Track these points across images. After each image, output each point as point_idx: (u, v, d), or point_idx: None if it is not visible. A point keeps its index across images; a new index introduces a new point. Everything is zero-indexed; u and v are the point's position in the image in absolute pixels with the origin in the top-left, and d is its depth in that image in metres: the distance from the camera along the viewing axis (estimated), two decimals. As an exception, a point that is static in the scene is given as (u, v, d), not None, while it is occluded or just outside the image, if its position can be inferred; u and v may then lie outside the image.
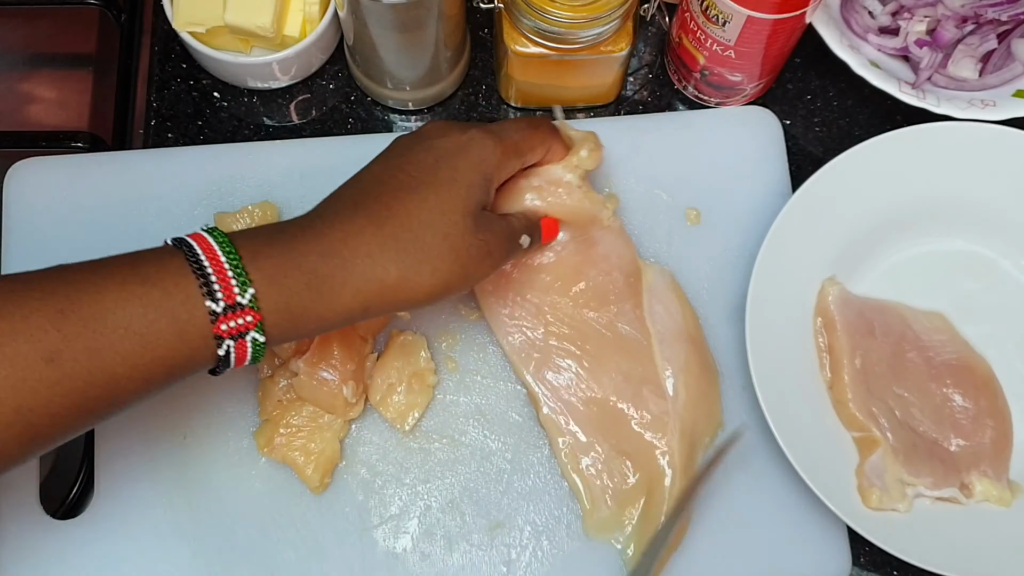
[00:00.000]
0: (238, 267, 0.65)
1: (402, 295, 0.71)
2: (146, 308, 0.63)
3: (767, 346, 0.83)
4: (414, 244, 0.70)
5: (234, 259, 0.65)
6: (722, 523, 0.85)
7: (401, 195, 0.71)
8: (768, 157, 0.93)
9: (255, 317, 0.65)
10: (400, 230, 0.70)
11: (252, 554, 0.83)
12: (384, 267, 0.70)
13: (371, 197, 0.71)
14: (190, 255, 0.65)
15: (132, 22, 1.02)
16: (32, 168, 0.91)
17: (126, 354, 0.63)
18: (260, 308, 0.65)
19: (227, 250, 0.65)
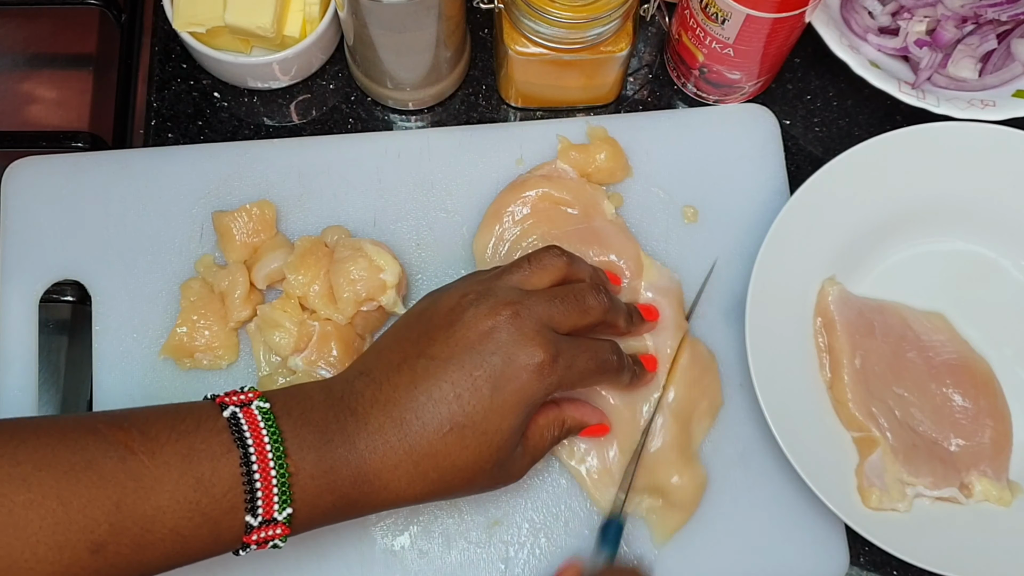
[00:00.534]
0: (284, 485, 0.66)
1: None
2: (193, 514, 0.65)
3: (767, 346, 0.83)
4: (440, 483, 0.71)
5: (283, 475, 0.66)
6: (721, 522, 0.85)
7: (446, 433, 0.69)
8: (766, 155, 0.93)
9: (284, 530, 0.68)
10: (433, 471, 0.70)
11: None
12: (406, 499, 0.71)
13: (418, 419, 0.69)
14: (244, 459, 0.66)
15: (132, 22, 1.02)
16: (30, 167, 0.91)
17: (165, 552, 0.65)
18: (291, 524, 0.68)
19: (279, 462, 0.66)
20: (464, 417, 0.69)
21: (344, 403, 0.70)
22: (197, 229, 0.90)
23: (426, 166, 0.92)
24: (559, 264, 0.77)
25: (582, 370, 0.73)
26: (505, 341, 0.70)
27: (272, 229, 0.88)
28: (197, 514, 0.64)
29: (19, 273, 0.88)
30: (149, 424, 0.66)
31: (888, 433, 0.85)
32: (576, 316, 0.74)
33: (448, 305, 0.73)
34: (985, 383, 0.88)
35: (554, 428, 0.78)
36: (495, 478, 0.74)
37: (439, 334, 0.72)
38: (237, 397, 0.69)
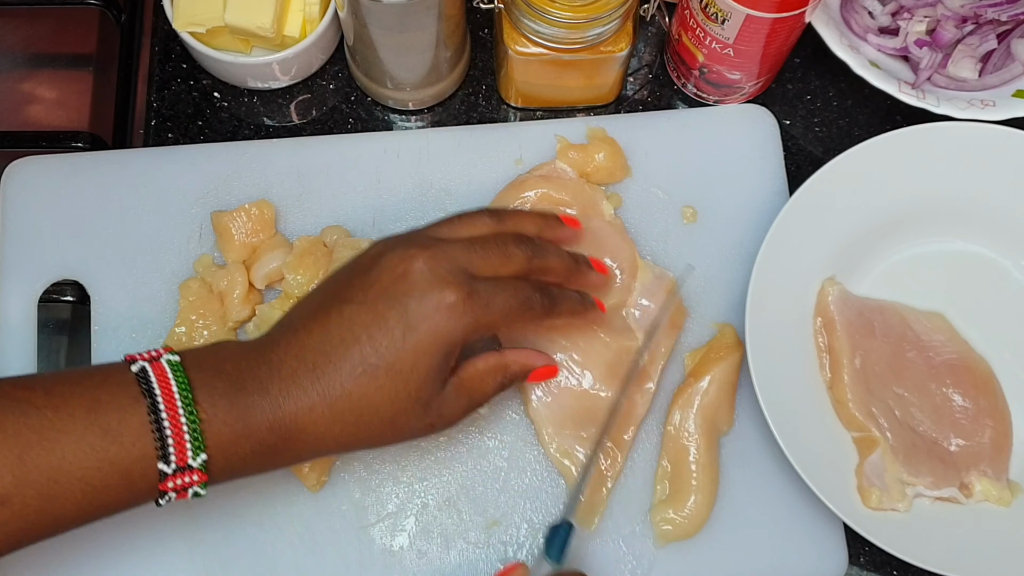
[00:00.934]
0: (196, 431, 0.67)
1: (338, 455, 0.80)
2: (101, 463, 0.65)
3: (767, 346, 0.83)
4: (360, 426, 0.71)
5: (193, 421, 0.67)
6: (721, 522, 0.84)
7: (359, 374, 0.70)
8: (765, 155, 0.93)
9: (201, 477, 0.68)
10: (348, 413, 0.70)
11: (249, 552, 0.83)
12: (327, 444, 0.72)
13: (330, 361, 0.70)
14: (152, 408, 0.66)
15: (132, 22, 1.02)
16: (29, 167, 0.91)
17: (76, 502, 0.65)
18: (208, 471, 0.68)
19: (188, 408, 0.67)
20: (376, 358, 0.70)
21: (259, 352, 0.71)
22: (196, 229, 0.89)
23: (425, 166, 0.92)
24: (486, 220, 0.77)
25: (502, 308, 0.73)
26: (417, 282, 0.71)
27: (271, 229, 0.88)
28: (106, 463, 0.65)
29: (18, 273, 0.88)
30: (55, 383, 0.67)
31: (888, 433, 0.84)
32: (496, 261, 0.74)
33: (369, 253, 0.74)
34: (985, 383, 0.88)
35: (497, 374, 0.77)
36: (424, 421, 0.73)
37: (356, 280, 0.73)
38: (148, 354, 0.69)
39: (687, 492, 0.84)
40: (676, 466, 0.85)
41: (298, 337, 0.71)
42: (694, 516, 0.83)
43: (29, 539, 0.66)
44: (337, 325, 0.70)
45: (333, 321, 0.71)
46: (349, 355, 0.70)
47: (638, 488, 0.85)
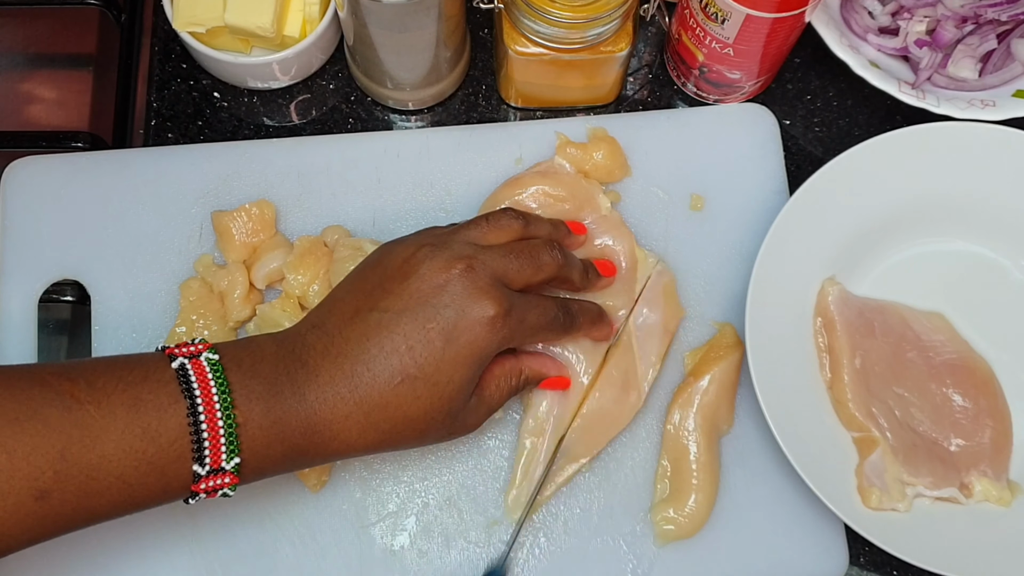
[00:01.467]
0: (232, 436, 0.67)
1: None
2: (139, 463, 0.65)
3: (767, 346, 0.83)
4: (391, 433, 0.72)
5: (231, 426, 0.67)
6: (721, 522, 0.84)
7: (397, 384, 0.70)
8: (765, 154, 0.93)
9: (232, 480, 0.68)
10: (384, 422, 0.71)
11: (250, 552, 0.83)
12: (357, 449, 0.72)
13: (369, 370, 0.70)
14: (191, 410, 0.66)
15: (132, 22, 1.01)
16: (29, 167, 0.90)
17: (113, 499, 0.66)
18: (240, 473, 0.68)
19: (226, 412, 0.67)
20: (416, 369, 0.70)
21: (295, 355, 0.71)
22: (196, 229, 0.89)
23: (425, 166, 0.91)
24: (515, 225, 0.78)
25: (533, 325, 0.75)
26: (459, 294, 0.71)
27: (271, 229, 0.88)
28: (143, 463, 0.65)
29: (18, 273, 0.87)
30: (96, 375, 0.66)
31: (888, 433, 0.84)
32: (530, 272, 0.75)
33: (403, 257, 0.74)
34: (985, 383, 0.88)
35: (511, 378, 0.78)
36: (449, 429, 0.74)
37: (393, 286, 0.72)
38: (187, 348, 0.69)
39: (687, 491, 0.83)
40: (676, 465, 0.85)
41: (335, 343, 0.71)
42: (694, 515, 0.83)
43: (62, 531, 0.66)
44: (376, 333, 0.71)
45: (372, 329, 0.71)
46: (388, 365, 0.70)
47: (638, 487, 0.85)
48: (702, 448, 0.84)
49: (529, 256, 0.76)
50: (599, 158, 0.90)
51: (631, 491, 0.85)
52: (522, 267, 0.75)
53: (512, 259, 0.74)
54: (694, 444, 0.84)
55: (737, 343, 0.87)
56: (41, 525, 0.64)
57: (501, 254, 0.75)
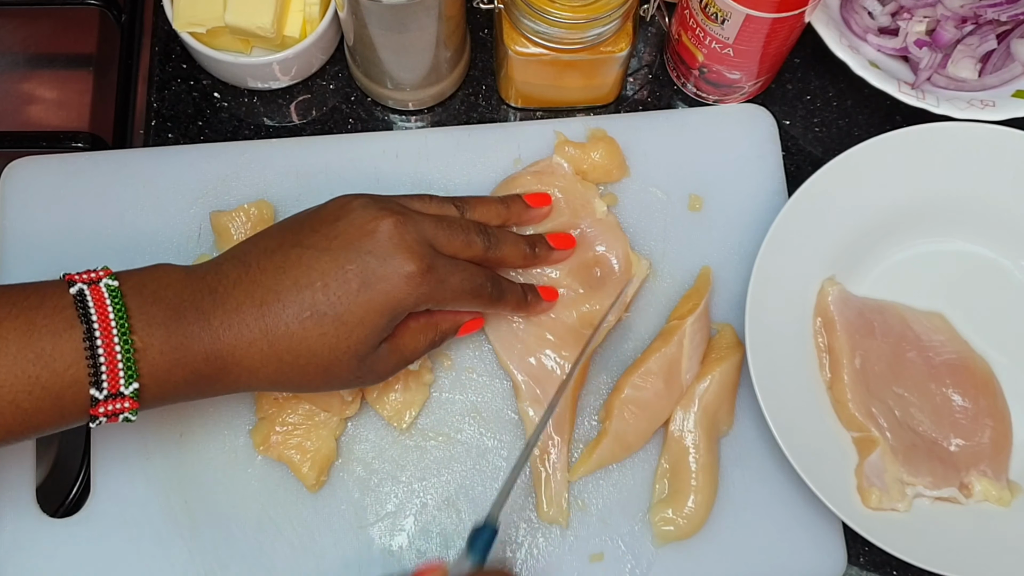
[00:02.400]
0: (130, 360, 0.67)
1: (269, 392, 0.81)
2: (32, 388, 0.65)
3: (767, 346, 0.83)
4: (295, 368, 0.72)
5: (128, 351, 0.67)
6: (720, 522, 0.84)
7: (306, 318, 0.70)
8: (764, 155, 0.93)
9: (132, 404, 0.68)
10: (287, 353, 0.71)
11: (248, 552, 0.82)
12: (260, 380, 0.72)
13: (279, 300, 0.70)
14: (87, 335, 0.66)
15: (132, 22, 1.01)
16: (28, 167, 0.90)
17: (5, 423, 0.66)
18: (139, 398, 0.68)
19: (124, 337, 0.67)
20: (327, 306, 0.70)
21: (205, 283, 0.71)
22: (195, 229, 0.89)
23: (424, 166, 0.91)
24: (451, 207, 0.79)
25: (455, 289, 0.75)
26: (383, 243, 0.71)
27: (270, 229, 0.88)
28: (38, 388, 0.65)
29: (17, 273, 0.87)
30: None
31: (888, 433, 0.84)
32: (459, 244, 0.76)
33: (337, 203, 0.75)
34: (985, 383, 0.88)
35: (428, 331, 0.78)
36: (356, 373, 0.74)
37: (321, 227, 0.73)
38: (88, 275, 0.69)
39: (686, 492, 0.83)
40: (676, 466, 0.84)
41: (250, 273, 0.71)
42: (693, 516, 0.83)
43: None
44: (294, 267, 0.71)
45: (291, 263, 0.71)
46: (300, 298, 0.70)
47: (637, 487, 0.85)
48: (702, 449, 0.83)
49: (461, 230, 0.76)
50: (597, 158, 0.89)
51: (630, 491, 0.85)
52: (452, 236, 0.75)
53: (443, 226, 0.75)
54: (694, 445, 0.84)
55: (737, 344, 0.87)
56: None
57: (433, 220, 0.75)
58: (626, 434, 0.84)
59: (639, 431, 0.84)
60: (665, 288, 0.89)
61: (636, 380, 0.84)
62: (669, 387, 0.84)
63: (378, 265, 0.71)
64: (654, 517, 0.83)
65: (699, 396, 0.84)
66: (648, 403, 0.84)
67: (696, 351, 0.85)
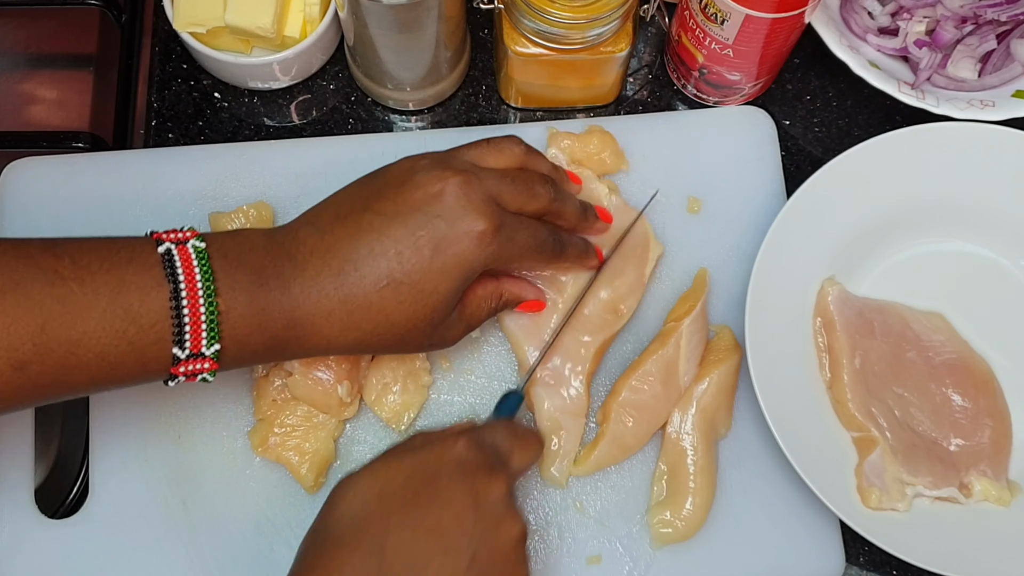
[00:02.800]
0: (213, 323, 0.67)
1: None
2: (119, 342, 0.65)
3: (767, 346, 0.82)
4: (372, 335, 0.72)
5: (212, 312, 0.67)
6: (718, 522, 0.84)
7: (383, 287, 0.70)
8: (762, 157, 0.92)
9: (212, 365, 0.69)
10: (365, 322, 0.71)
11: (247, 553, 0.82)
12: (336, 346, 0.72)
13: (357, 270, 0.70)
14: (174, 294, 0.66)
15: (133, 22, 1.01)
16: (27, 168, 0.90)
17: (92, 375, 0.66)
18: (219, 360, 0.69)
19: (209, 299, 0.67)
20: (402, 274, 0.70)
21: (284, 249, 0.71)
22: (194, 231, 0.89)
23: (422, 168, 0.91)
24: (516, 151, 0.77)
25: (522, 245, 0.74)
26: (451, 205, 0.71)
27: (269, 230, 0.87)
28: (124, 342, 0.65)
29: (16, 274, 0.87)
30: (82, 253, 0.66)
31: (887, 433, 0.84)
32: (524, 198, 0.75)
33: (402, 167, 0.74)
34: (985, 383, 0.87)
35: (491, 300, 0.79)
36: (429, 339, 0.75)
37: (389, 192, 0.72)
38: (175, 235, 0.69)
39: (684, 494, 0.83)
40: (673, 468, 0.84)
41: (325, 240, 0.71)
42: (691, 518, 0.82)
43: (39, 401, 0.67)
44: (367, 234, 0.71)
45: (364, 230, 0.71)
46: (376, 266, 0.70)
47: (635, 489, 0.84)
48: (700, 451, 0.83)
49: (525, 183, 0.75)
50: (592, 148, 0.89)
51: (628, 493, 0.84)
52: (517, 192, 0.74)
53: (508, 182, 0.74)
54: (692, 447, 0.83)
55: (735, 346, 0.86)
56: (19, 394, 0.64)
57: (498, 175, 0.74)
58: (624, 436, 0.84)
59: (637, 433, 0.84)
60: (663, 290, 0.89)
61: (634, 383, 0.84)
62: (667, 389, 0.84)
63: (448, 228, 0.70)
64: (652, 519, 0.83)
65: (697, 398, 0.84)
66: (646, 405, 0.84)
67: (694, 353, 0.85)
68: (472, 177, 0.72)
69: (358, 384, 0.83)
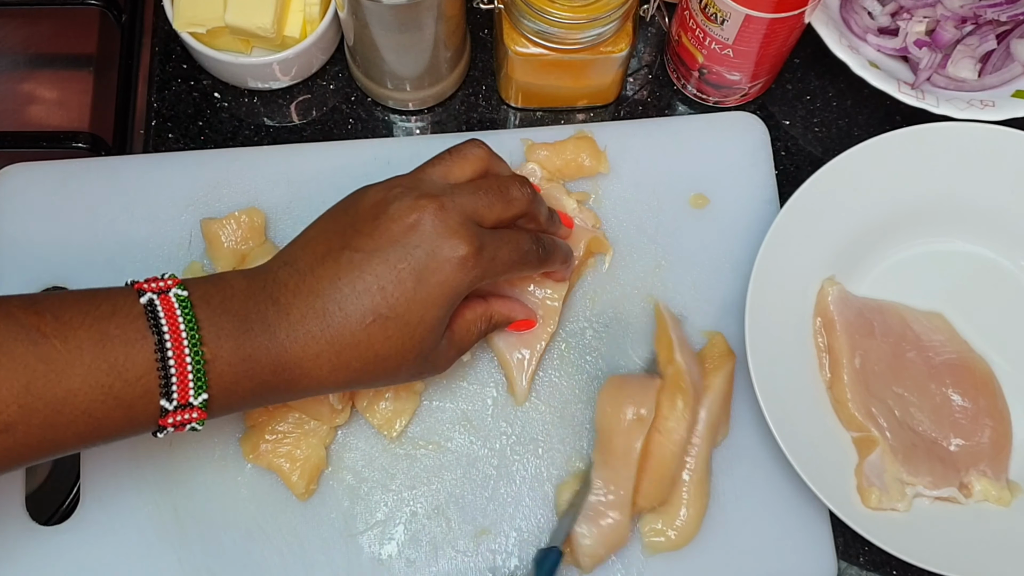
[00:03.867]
0: (200, 372, 0.66)
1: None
2: (105, 397, 0.64)
3: (767, 346, 0.81)
4: (363, 372, 0.71)
5: (198, 362, 0.66)
6: (709, 530, 0.82)
7: (369, 324, 0.69)
8: (756, 163, 0.91)
9: (200, 415, 0.67)
10: (355, 360, 0.70)
11: (238, 560, 0.81)
12: (327, 386, 0.71)
13: (341, 310, 0.69)
14: (158, 346, 0.65)
15: (133, 23, 1.00)
16: (19, 174, 0.89)
17: (79, 432, 0.65)
18: (208, 408, 0.67)
19: (194, 348, 0.66)
20: (387, 308, 0.69)
21: (266, 292, 0.70)
22: (186, 236, 0.87)
23: (416, 173, 0.90)
24: (480, 154, 0.75)
25: (505, 261, 0.73)
26: (429, 234, 0.69)
27: (261, 236, 0.86)
28: (110, 397, 0.64)
29: (6, 280, 0.86)
30: (63, 309, 0.65)
31: (887, 433, 0.82)
32: (500, 208, 0.73)
33: (374, 199, 0.72)
34: (985, 383, 0.86)
35: (481, 322, 0.78)
36: (420, 368, 0.73)
37: (364, 226, 0.71)
38: (156, 284, 0.68)
39: (677, 504, 0.81)
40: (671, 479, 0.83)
41: (307, 282, 0.70)
42: (684, 529, 0.81)
43: (27, 461, 0.65)
44: (348, 272, 0.69)
45: (344, 268, 0.70)
46: (360, 304, 0.69)
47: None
48: (698, 461, 0.82)
49: (499, 191, 0.73)
50: (569, 154, 0.88)
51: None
52: (492, 203, 0.73)
53: (482, 195, 0.72)
54: (692, 457, 0.82)
55: (728, 353, 0.85)
56: (6, 457, 0.63)
57: (471, 191, 0.72)
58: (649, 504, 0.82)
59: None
60: (659, 298, 0.88)
61: None
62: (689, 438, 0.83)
63: (429, 258, 0.69)
64: (644, 528, 0.81)
65: (707, 409, 0.83)
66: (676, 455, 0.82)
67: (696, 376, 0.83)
68: (446, 201, 0.70)
69: (350, 391, 0.82)
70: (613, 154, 0.90)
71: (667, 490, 0.81)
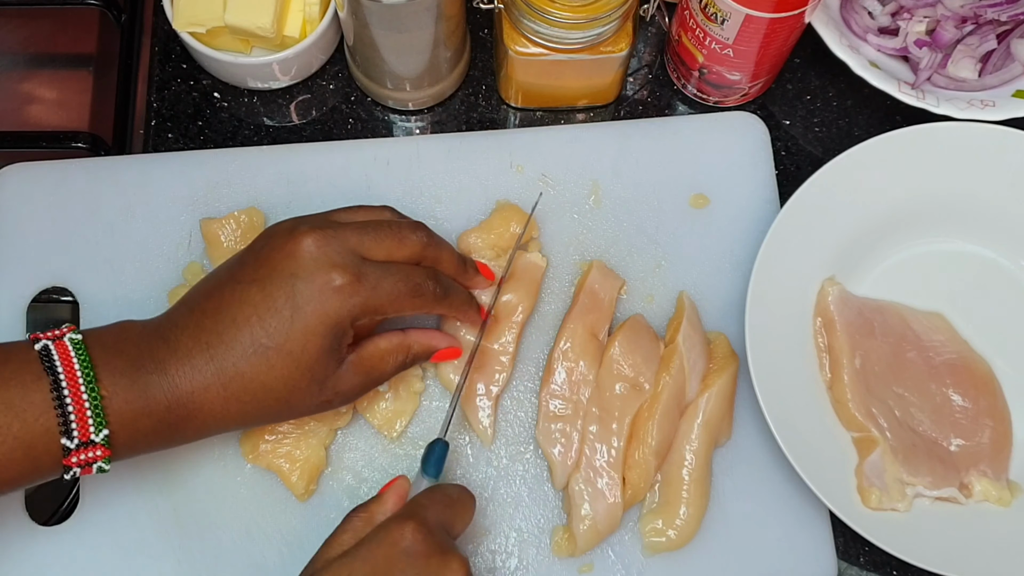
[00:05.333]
0: (98, 407, 0.66)
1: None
2: (5, 438, 0.64)
3: (767, 346, 0.80)
4: (255, 404, 0.71)
5: (95, 398, 0.66)
6: (709, 530, 0.82)
7: (251, 355, 0.69)
8: (756, 163, 0.90)
9: (104, 452, 0.67)
10: (243, 392, 0.70)
11: (238, 561, 0.80)
12: (226, 422, 0.71)
13: (223, 342, 0.69)
14: (54, 385, 0.66)
15: (132, 22, 0.99)
16: (18, 174, 0.88)
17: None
18: (111, 446, 0.67)
19: (90, 385, 0.66)
20: (267, 338, 0.69)
21: (159, 333, 0.70)
22: (185, 236, 0.87)
23: (416, 174, 0.89)
24: (386, 212, 0.77)
25: (390, 292, 0.72)
26: (306, 262, 0.70)
27: (260, 236, 0.86)
28: (9, 437, 0.64)
29: (6, 280, 0.85)
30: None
31: (888, 433, 0.82)
32: (390, 244, 0.73)
33: (264, 233, 0.74)
34: (985, 383, 0.86)
35: (398, 354, 0.76)
36: (320, 398, 0.73)
37: (249, 258, 0.72)
38: (52, 333, 0.69)
39: (677, 504, 0.81)
40: (668, 477, 0.82)
41: (194, 316, 0.71)
42: (684, 528, 0.80)
43: None
44: (229, 304, 0.70)
45: (226, 300, 0.70)
46: (240, 336, 0.69)
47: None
48: (698, 461, 0.81)
49: (390, 228, 0.74)
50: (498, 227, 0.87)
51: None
52: (380, 239, 0.73)
53: (370, 231, 0.73)
54: (691, 457, 0.81)
55: (731, 354, 0.84)
56: None
57: (358, 227, 0.73)
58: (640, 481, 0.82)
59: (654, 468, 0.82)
60: (662, 300, 0.87)
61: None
62: (679, 408, 0.83)
63: (304, 286, 0.69)
64: (644, 527, 0.81)
65: (703, 409, 0.82)
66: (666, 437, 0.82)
67: (696, 367, 0.83)
68: (327, 231, 0.70)
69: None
70: (612, 155, 0.90)
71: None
